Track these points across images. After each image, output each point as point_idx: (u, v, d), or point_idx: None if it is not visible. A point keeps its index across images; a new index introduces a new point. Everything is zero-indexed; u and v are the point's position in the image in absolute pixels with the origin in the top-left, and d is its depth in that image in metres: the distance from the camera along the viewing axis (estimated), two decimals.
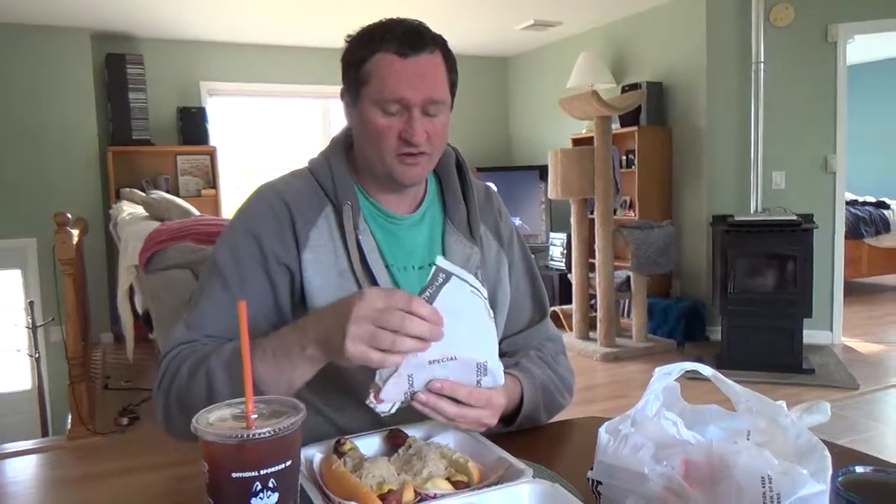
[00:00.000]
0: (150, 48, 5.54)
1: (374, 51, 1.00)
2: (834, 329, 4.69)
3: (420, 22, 1.04)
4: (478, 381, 0.89)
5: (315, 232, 1.04)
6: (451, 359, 0.85)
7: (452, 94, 1.06)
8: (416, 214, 1.13)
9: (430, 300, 0.81)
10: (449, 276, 0.82)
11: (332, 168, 1.08)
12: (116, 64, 5.25)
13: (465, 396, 0.87)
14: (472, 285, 0.85)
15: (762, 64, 4.46)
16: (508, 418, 1.02)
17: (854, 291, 6.15)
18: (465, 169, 1.17)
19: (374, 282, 1.03)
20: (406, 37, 1.00)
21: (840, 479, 0.55)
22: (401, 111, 1.00)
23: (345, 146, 1.13)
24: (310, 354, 0.86)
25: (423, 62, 1.00)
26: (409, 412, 0.89)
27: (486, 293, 0.88)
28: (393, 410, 0.86)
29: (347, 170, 1.10)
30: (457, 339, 0.84)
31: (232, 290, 1.01)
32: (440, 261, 0.83)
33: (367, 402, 0.84)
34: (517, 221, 5.98)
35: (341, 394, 1.05)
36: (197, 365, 0.93)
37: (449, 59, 1.05)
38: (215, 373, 0.90)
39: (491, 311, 0.89)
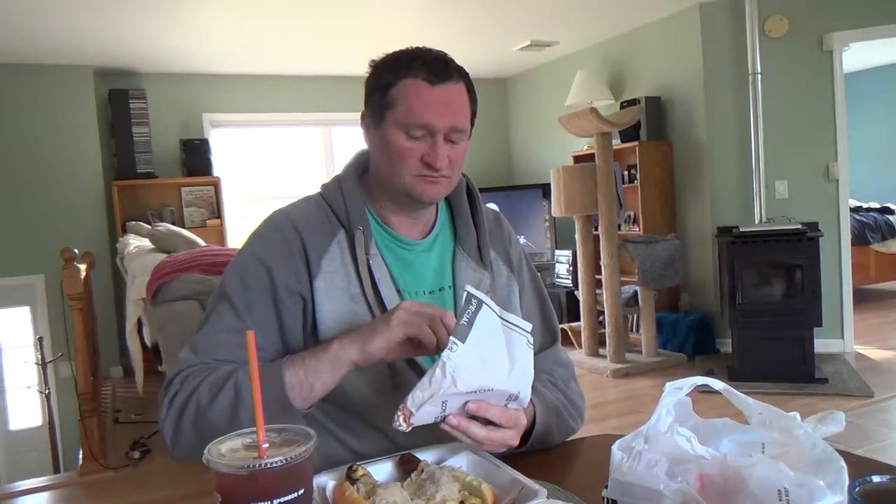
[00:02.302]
0: (152, 82, 5.61)
1: (402, 76, 1.03)
2: (845, 337, 4.66)
3: (445, 52, 1.07)
4: (505, 405, 0.90)
5: (327, 258, 1.05)
6: (488, 390, 0.86)
7: (472, 124, 1.09)
8: (427, 240, 1.14)
9: (469, 325, 0.82)
10: (480, 303, 0.83)
11: (345, 194, 1.10)
12: (119, 99, 5.31)
13: (496, 416, 0.89)
14: (509, 321, 0.87)
15: (759, 75, 4.48)
16: (520, 440, 1.02)
17: (863, 298, 6.11)
18: (476, 195, 1.19)
19: (384, 307, 1.04)
20: (434, 65, 1.03)
21: (857, 489, 0.55)
22: (425, 136, 1.03)
23: (357, 172, 1.14)
24: (342, 354, 0.90)
25: (449, 91, 1.03)
26: (425, 435, 0.89)
27: (527, 326, 0.89)
28: (410, 428, 0.85)
29: (360, 195, 1.11)
30: (493, 369, 0.85)
31: (240, 315, 1.01)
32: (470, 288, 0.85)
33: (395, 424, 0.83)
34: (522, 240, 5.99)
35: (356, 418, 1.06)
36: (222, 380, 0.93)
37: (471, 90, 1.08)
38: (244, 385, 0.91)
39: (531, 341, 0.89)
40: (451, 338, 0.81)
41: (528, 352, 0.88)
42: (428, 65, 1.03)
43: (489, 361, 0.84)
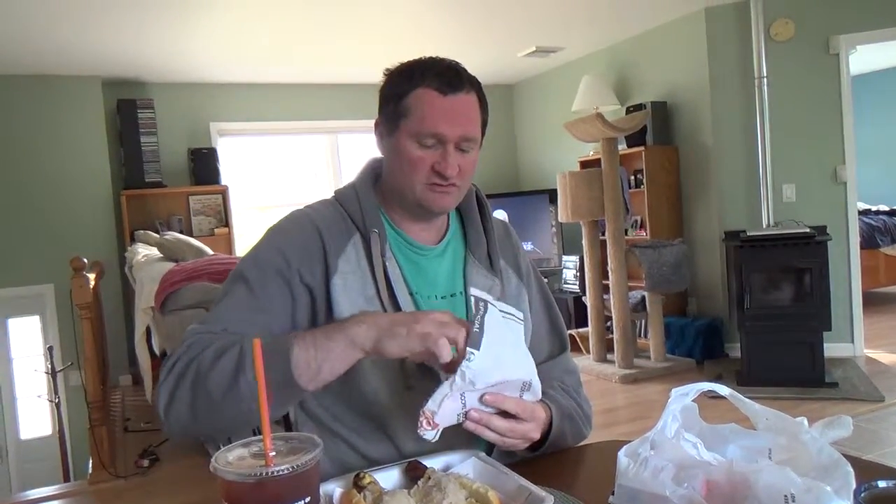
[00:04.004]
0: (160, 92, 5.65)
1: (415, 86, 1.05)
2: (855, 341, 4.63)
3: (457, 62, 1.08)
4: (520, 396, 0.92)
5: (344, 259, 1.06)
6: (502, 382, 0.89)
7: (482, 133, 1.11)
8: (440, 246, 1.15)
9: (481, 329, 0.84)
10: (486, 304, 0.86)
11: (360, 198, 1.11)
12: (128, 109, 5.35)
13: (513, 408, 0.91)
14: (503, 311, 0.91)
15: (765, 79, 4.48)
16: (535, 444, 1.02)
17: (873, 302, 6.07)
18: (485, 204, 1.21)
19: (398, 309, 1.05)
20: (447, 75, 1.05)
21: (863, 494, 0.55)
22: (436, 145, 1.05)
23: (371, 178, 1.16)
24: (357, 339, 0.87)
25: (461, 101, 1.05)
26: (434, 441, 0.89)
27: (519, 314, 0.93)
28: (437, 437, 0.86)
29: (374, 200, 1.13)
30: (505, 363, 0.88)
31: (254, 292, 1.02)
32: (474, 291, 0.88)
33: (420, 430, 0.84)
34: (529, 246, 5.98)
35: (367, 422, 1.07)
36: (228, 345, 0.91)
37: (482, 99, 1.10)
38: (248, 353, 0.87)
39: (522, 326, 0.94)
40: (468, 349, 0.83)
41: (522, 335, 0.93)
42: (440, 74, 1.04)
43: (501, 357, 0.87)
